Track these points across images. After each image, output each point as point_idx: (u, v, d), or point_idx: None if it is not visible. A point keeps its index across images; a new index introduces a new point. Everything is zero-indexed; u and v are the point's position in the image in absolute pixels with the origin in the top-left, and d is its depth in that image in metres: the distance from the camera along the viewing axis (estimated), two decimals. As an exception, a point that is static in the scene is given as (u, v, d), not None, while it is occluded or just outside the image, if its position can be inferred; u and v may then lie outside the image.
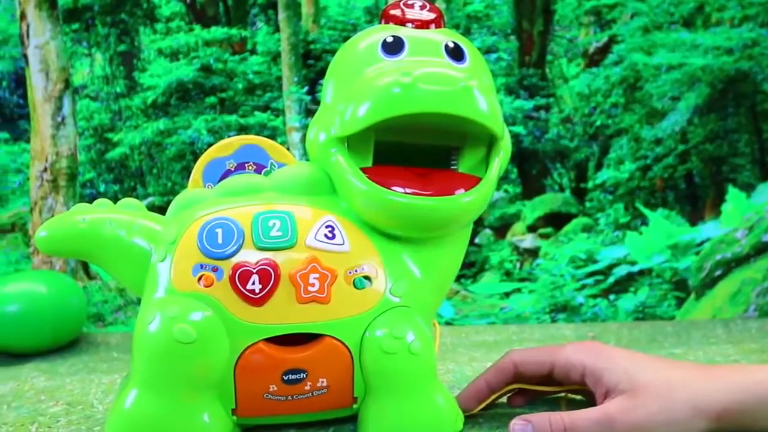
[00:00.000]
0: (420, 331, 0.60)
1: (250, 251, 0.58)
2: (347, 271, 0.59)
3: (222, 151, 0.70)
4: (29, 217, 1.32)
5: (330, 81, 0.66)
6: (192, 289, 0.57)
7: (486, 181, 0.61)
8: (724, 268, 1.31)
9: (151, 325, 0.56)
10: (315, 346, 0.59)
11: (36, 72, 1.31)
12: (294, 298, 0.57)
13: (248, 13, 1.34)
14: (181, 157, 1.34)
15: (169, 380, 0.57)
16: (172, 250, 0.59)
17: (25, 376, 0.95)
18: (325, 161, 0.62)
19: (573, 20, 1.33)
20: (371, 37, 0.63)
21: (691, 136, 1.32)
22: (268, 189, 0.63)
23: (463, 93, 0.56)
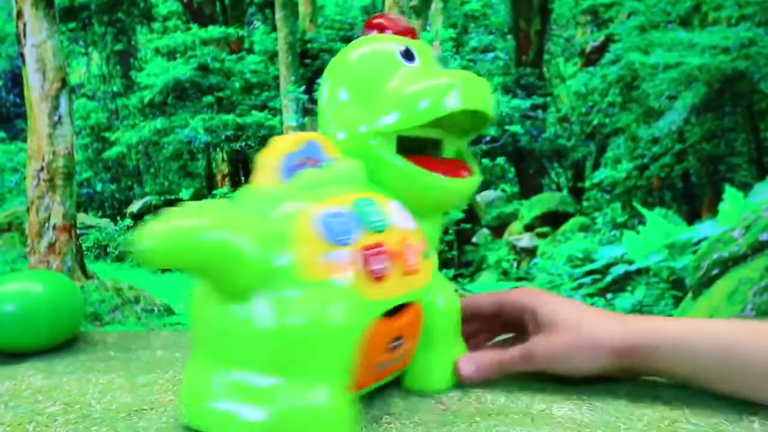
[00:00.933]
0: (453, 291, 0.64)
1: (365, 234, 0.56)
2: (420, 245, 0.59)
3: (292, 147, 0.71)
4: (26, 217, 1.32)
5: (343, 84, 0.65)
6: (322, 278, 0.54)
7: (479, 166, 0.65)
8: (721, 267, 1.32)
9: (301, 318, 0.53)
10: (408, 313, 0.59)
11: (33, 71, 1.31)
12: (401, 272, 0.57)
13: (245, 13, 1.34)
14: (178, 156, 1.34)
15: (317, 367, 0.54)
16: (292, 244, 0.58)
17: (22, 376, 0.95)
18: (365, 154, 0.62)
19: (570, 19, 1.34)
20: (380, 45, 0.64)
21: (688, 135, 1.32)
22: (336, 182, 0.61)
23: (492, 95, 0.60)
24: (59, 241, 1.25)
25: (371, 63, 0.64)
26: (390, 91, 0.61)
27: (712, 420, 0.67)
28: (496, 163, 5.08)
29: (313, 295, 0.54)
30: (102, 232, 5.20)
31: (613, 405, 0.72)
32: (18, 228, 1.36)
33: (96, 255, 4.64)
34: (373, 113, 0.61)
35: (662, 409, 0.71)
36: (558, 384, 0.76)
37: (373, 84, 0.62)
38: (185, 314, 1.44)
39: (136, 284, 1.46)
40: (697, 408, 0.71)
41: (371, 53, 0.65)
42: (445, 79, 0.59)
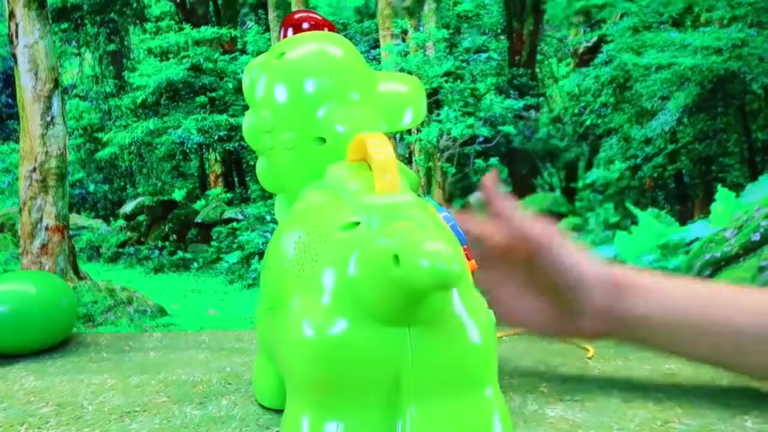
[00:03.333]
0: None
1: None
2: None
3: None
4: (18, 217, 1.32)
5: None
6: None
7: None
8: (713, 268, 1.32)
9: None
10: None
11: (25, 72, 1.31)
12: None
13: (238, 13, 1.34)
14: (171, 157, 1.34)
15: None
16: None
17: (14, 377, 0.95)
18: None
19: (563, 20, 1.34)
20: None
21: (680, 135, 1.32)
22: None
23: None
24: (52, 242, 1.25)
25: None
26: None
27: (705, 420, 0.68)
28: (489, 163, 5.08)
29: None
30: (95, 232, 5.20)
31: (606, 405, 0.72)
32: (10, 229, 1.36)
33: (89, 256, 4.64)
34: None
35: (654, 410, 0.71)
36: (550, 384, 0.76)
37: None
38: (178, 315, 1.45)
39: (129, 285, 1.46)
40: (690, 408, 0.71)
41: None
42: None
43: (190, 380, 0.87)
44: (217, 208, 5.34)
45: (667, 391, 0.77)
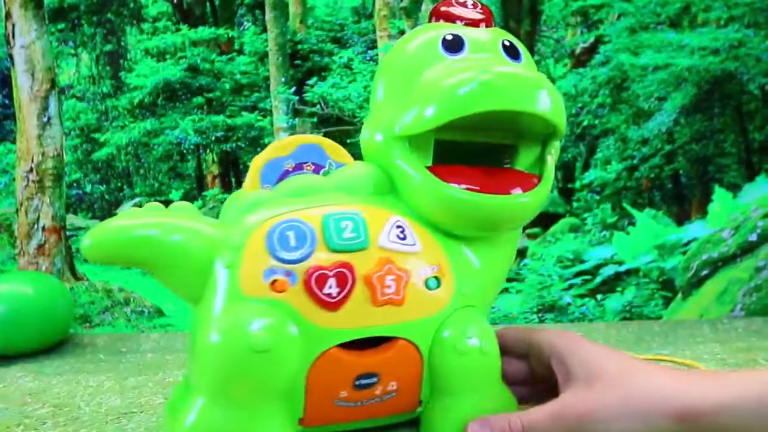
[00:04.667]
0: (488, 330, 0.59)
1: (324, 254, 0.55)
2: (419, 272, 0.57)
3: (280, 151, 0.67)
4: (15, 218, 1.31)
5: (383, 79, 0.64)
6: (263, 294, 0.54)
7: (545, 181, 0.59)
8: (710, 268, 1.32)
9: (221, 334, 0.53)
10: (389, 349, 0.56)
11: (22, 72, 1.31)
12: (369, 300, 0.55)
13: (235, 13, 1.34)
14: (168, 158, 1.33)
15: (239, 390, 0.54)
16: (239, 255, 0.56)
17: (11, 378, 0.95)
18: (386, 160, 0.60)
19: (560, 20, 1.33)
20: (428, 34, 0.61)
21: (677, 136, 1.32)
22: (330, 189, 0.61)
23: (542, 91, 0.55)
24: (49, 242, 1.25)
25: (407, 56, 0.62)
26: (416, 89, 0.58)
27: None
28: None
29: (244, 311, 0.53)
30: (92, 233, 5.15)
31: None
32: (7, 229, 1.35)
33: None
34: (399, 113, 0.58)
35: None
36: (549, 384, 0.76)
37: (406, 80, 0.60)
38: (175, 316, 1.44)
39: (126, 286, 1.45)
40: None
41: (409, 44, 0.62)
42: (468, 74, 0.54)
43: (188, 381, 0.87)
44: (215, 208, 5.34)
45: None
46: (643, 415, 0.52)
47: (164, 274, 0.59)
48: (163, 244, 0.58)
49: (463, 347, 0.57)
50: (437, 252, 0.58)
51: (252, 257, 0.55)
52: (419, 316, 0.56)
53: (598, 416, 0.54)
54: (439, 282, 0.57)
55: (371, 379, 0.56)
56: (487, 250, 0.61)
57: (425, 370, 0.57)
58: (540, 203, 0.59)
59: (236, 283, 0.54)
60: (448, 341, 0.57)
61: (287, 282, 0.54)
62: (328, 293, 0.54)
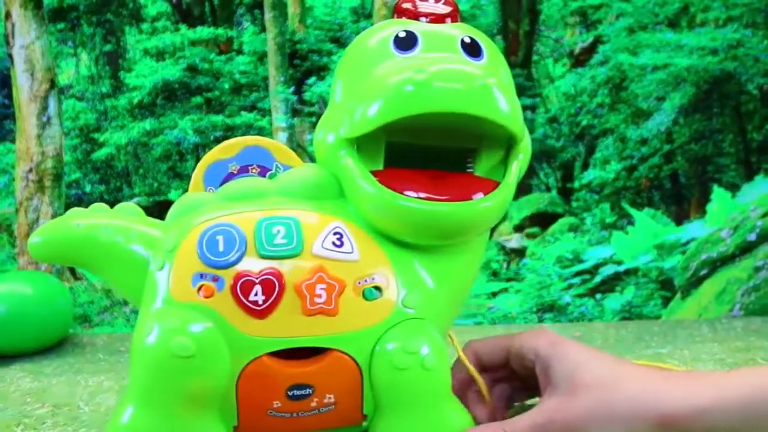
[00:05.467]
0: (435, 344, 0.55)
1: (253, 260, 0.54)
2: (356, 281, 0.54)
3: (224, 152, 0.66)
4: (14, 218, 1.32)
5: (339, 79, 0.61)
6: (191, 299, 0.53)
7: (505, 185, 0.56)
8: (709, 268, 1.32)
9: (149, 338, 0.52)
10: (322, 361, 0.54)
11: (21, 72, 1.31)
12: (300, 309, 0.53)
13: (234, 13, 1.34)
14: (167, 158, 1.33)
15: (167, 396, 0.53)
16: (171, 258, 0.55)
17: (11, 378, 0.95)
18: (334, 164, 0.58)
19: (559, 20, 1.33)
20: (383, 32, 0.59)
21: (676, 136, 1.32)
22: (273, 193, 0.59)
23: (481, 91, 0.51)
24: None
25: (360, 54, 0.59)
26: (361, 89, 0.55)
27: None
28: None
29: (172, 315, 0.52)
30: (91, 233, 5.14)
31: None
32: (6, 229, 1.36)
33: (85, 256, 4.59)
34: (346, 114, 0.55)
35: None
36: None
37: (357, 79, 0.57)
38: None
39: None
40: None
41: (363, 43, 0.60)
42: (404, 75, 0.51)
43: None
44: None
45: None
46: (625, 421, 0.52)
47: (107, 274, 0.60)
48: (105, 245, 0.58)
49: (402, 362, 0.53)
50: (381, 261, 0.55)
51: (183, 261, 0.54)
52: (355, 328, 0.54)
53: (581, 425, 0.53)
54: (380, 292, 0.55)
55: (305, 390, 0.54)
56: (442, 259, 0.58)
57: (366, 384, 0.55)
58: (501, 208, 0.56)
59: (167, 287, 0.54)
60: (386, 354, 0.53)
61: (214, 287, 0.53)
62: (254, 300, 0.52)
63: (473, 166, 0.57)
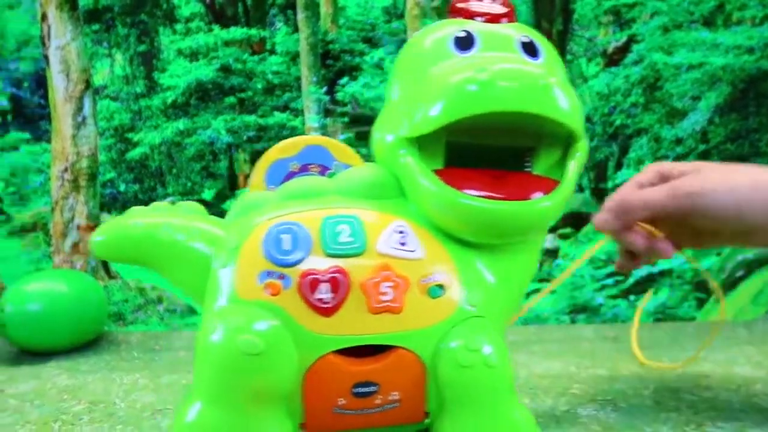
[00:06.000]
0: (497, 342, 0.56)
1: (319, 258, 0.54)
2: (420, 280, 0.55)
3: (285, 152, 0.67)
4: (50, 217, 1.33)
5: (396, 79, 0.62)
6: (257, 297, 0.54)
7: (564, 184, 0.57)
8: (745, 269, 1.30)
9: (215, 336, 0.53)
10: (387, 358, 0.55)
11: (57, 73, 1.32)
12: (365, 307, 0.53)
13: (267, 14, 1.34)
14: (200, 157, 1.34)
15: (234, 394, 0.53)
16: (236, 257, 0.56)
17: (47, 375, 0.96)
18: (394, 163, 0.58)
19: (592, 20, 1.33)
20: (440, 32, 0.59)
21: (711, 135, 1.31)
22: (333, 192, 0.60)
23: (544, 90, 0.52)
24: (83, 241, 1.27)
25: (418, 54, 0.60)
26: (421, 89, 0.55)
27: (739, 423, 0.67)
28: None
29: (238, 313, 0.53)
30: (124, 232, 5.19)
31: (639, 407, 0.72)
32: (42, 228, 1.38)
33: (118, 255, 4.63)
34: (406, 114, 0.56)
35: (688, 412, 0.71)
36: (582, 385, 0.76)
37: (415, 79, 0.58)
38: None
39: (159, 284, 1.46)
40: (724, 411, 0.71)
41: (421, 42, 0.60)
42: (466, 74, 0.52)
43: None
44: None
45: (700, 394, 0.76)
46: (746, 192, 0.66)
47: (169, 273, 0.60)
48: (167, 244, 0.58)
49: (467, 359, 0.54)
50: (444, 259, 0.56)
51: (248, 259, 0.55)
52: (420, 325, 0.55)
53: (706, 190, 0.66)
54: (444, 290, 0.55)
55: (370, 387, 0.55)
56: (502, 257, 0.59)
57: (429, 382, 0.56)
58: (560, 207, 0.56)
59: (232, 285, 0.54)
60: (450, 352, 0.54)
61: (281, 285, 0.53)
62: (320, 298, 0.53)
63: (531, 165, 0.58)
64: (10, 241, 1.35)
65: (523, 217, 0.55)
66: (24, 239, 1.34)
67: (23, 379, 0.93)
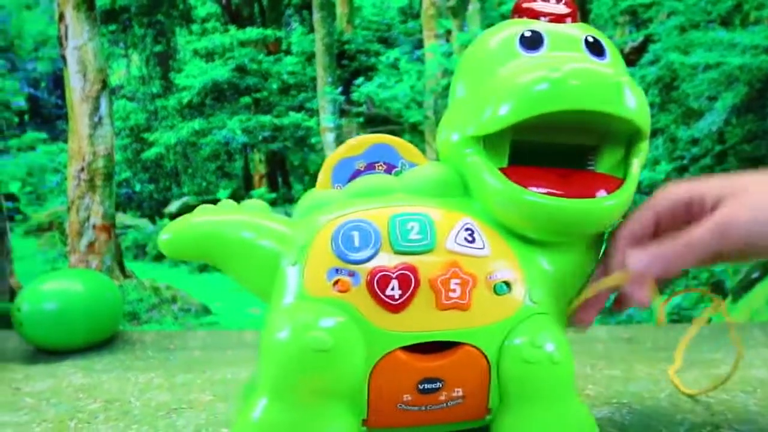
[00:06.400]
0: (560, 339, 0.56)
1: (388, 255, 0.55)
2: (487, 277, 0.55)
3: (351, 150, 0.67)
4: (66, 216, 1.34)
5: (461, 79, 0.62)
6: (326, 294, 0.54)
7: (629, 182, 0.57)
8: (761, 271, 1.30)
9: (284, 332, 0.53)
10: (453, 354, 0.55)
11: (74, 73, 1.33)
12: (434, 304, 0.54)
13: (283, 14, 1.34)
14: (215, 157, 1.35)
15: (302, 389, 0.54)
16: (305, 254, 0.56)
17: (63, 374, 0.97)
18: (459, 161, 0.59)
19: (608, 19, 1.32)
20: (506, 32, 0.60)
21: (728, 136, 1.30)
22: (399, 190, 0.60)
23: (615, 89, 0.52)
24: (99, 240, 1.27)
25: (484, 53, 0.60)
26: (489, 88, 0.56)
27: (755, 426, 0.67)
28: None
29: (307, 310, 0.53)
30: (140, 231, 5.24)
31: (654, 409, 0.72)
32: (58, 227, 1.38)
33: (134, 254, 4.67)
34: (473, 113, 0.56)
35: (704, 414, 0.70)
36: (597, 387, 0.76)
37: (481, 78, 0.58)
38: (222, 314, 1.46)
39: (174, 284, 1.47)
40: (740, 414, 0.70)
41: (487, 42, 0.60)
42: (538, 73, 0.52)
43: (235, 378, 0.88)
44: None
45: (716, 396, 0.76)
46: None
47: (235, 270, 0.60)
48: (234, 241, 0.59)
49: (532, 356, 0.55)
50: (509, 256, 0.57)
51: (317, 256, 0.55)
52: (486, 322, 0.55)
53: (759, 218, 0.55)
54: (509, 288, 0.56)
55: (435, 384, 0.55)
56: (563, 255, 0.59)
57: (493, 378, 0.56)
58: (624, 206, 0.57)
59: (301, 282, 0.54)
60: (515, 349, 0.55)
61: (350, 282, 0.53)
62: (390, 295, 0.53)
63: (594, 164, 0.58)
64: (27, 241, 1.35)
65: (588, 214, 0.55)
66: (40, 239, 1.35)
67: (39, 377, 0.94)
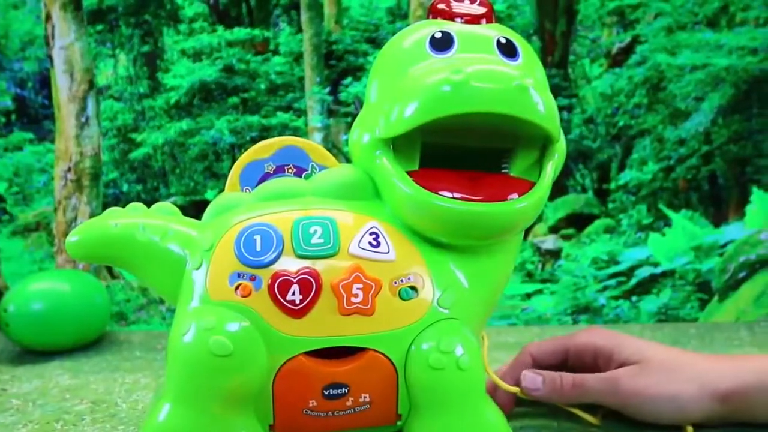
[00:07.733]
0: (469, 344, 0.56)
1: (290, 259, 0.54)
2: (392, 281, 0.55)
3: (261, 153, 0.67)
4: (53, 217, 1.33)
5: (374, 79, 0.62)
6: (228, 298, 0.54)
7: (540, 185, 0.56)
8: (748, 270, 1.30)
9: (186, 336, 0.53)
10: (358, 360, 0.55)
11: (60, 73, 1.32)
12: (336, 309, 0.53)
13: (271, 14, 1.34)
14: (203, 158, 1.35)
15: (204, 394, 0.53)
16: (208, 258, 0.56)
17: (50, 375, 0.96)
18: (369, 164, 0.59)
19: (596, 20, 1.32)
20: (418, 33, 0.59)
21: (715, 136, 1.31)
22: (309, 193, 0.60)
23: (518, 92, 0.51)
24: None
25: (395, 55, 0.60)
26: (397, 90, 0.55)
27: (741, 428, 0.67)
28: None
29: (210, 314, 0.53)
30: (128, 232, 5.18)
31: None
32: (45, 228, 1.38)
33: (122, 255, 4.63)
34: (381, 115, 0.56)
35: (688, 413, 0.70)
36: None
37: (392, 80, 0.58)
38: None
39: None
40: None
41: (398, 43, 0.60)
42: (441, 75, 0.52)
43: (222, 379, 0.88)
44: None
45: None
46: (690, 397, 0.60)
47: (143, 274, 0.60)
48: (142, 244, 0.58)
49: (438, 361, 0.54)
50: (416, 261, 0.56)
51: (220, 260, 0.55)
52: (390, 327, 0.55)
53: (648, 393, 0.60)
54: (416, 292, 0.55)
55: (341, 389, 0.55)
56: (477, 259, 0.59)
57: (401, 384, 0.56)
58: (536, 208, 0.56)
59: (204, 286, 0.54)
60: (421, 354, 0.54)
61: (252, 287, 0.53)
62: (291, 300, 0.53)
63: (508, 167, 0.57)
64: (14, 241, 1.35)
65: (499, 218, 0.54)
66: (27, 239, 1.34)
67: (26, 378, 0.93)
